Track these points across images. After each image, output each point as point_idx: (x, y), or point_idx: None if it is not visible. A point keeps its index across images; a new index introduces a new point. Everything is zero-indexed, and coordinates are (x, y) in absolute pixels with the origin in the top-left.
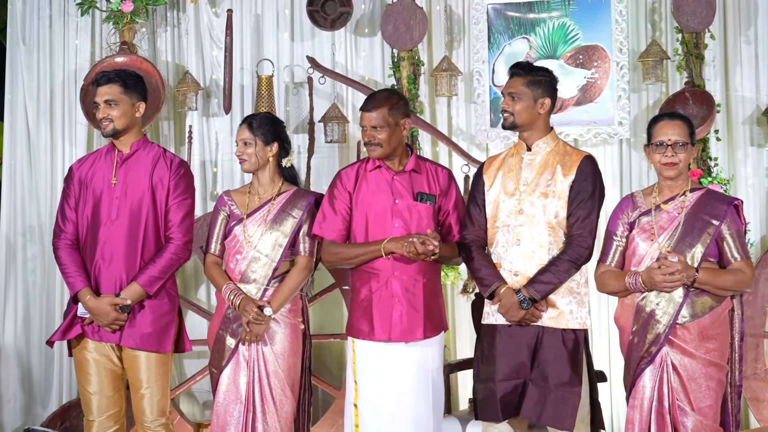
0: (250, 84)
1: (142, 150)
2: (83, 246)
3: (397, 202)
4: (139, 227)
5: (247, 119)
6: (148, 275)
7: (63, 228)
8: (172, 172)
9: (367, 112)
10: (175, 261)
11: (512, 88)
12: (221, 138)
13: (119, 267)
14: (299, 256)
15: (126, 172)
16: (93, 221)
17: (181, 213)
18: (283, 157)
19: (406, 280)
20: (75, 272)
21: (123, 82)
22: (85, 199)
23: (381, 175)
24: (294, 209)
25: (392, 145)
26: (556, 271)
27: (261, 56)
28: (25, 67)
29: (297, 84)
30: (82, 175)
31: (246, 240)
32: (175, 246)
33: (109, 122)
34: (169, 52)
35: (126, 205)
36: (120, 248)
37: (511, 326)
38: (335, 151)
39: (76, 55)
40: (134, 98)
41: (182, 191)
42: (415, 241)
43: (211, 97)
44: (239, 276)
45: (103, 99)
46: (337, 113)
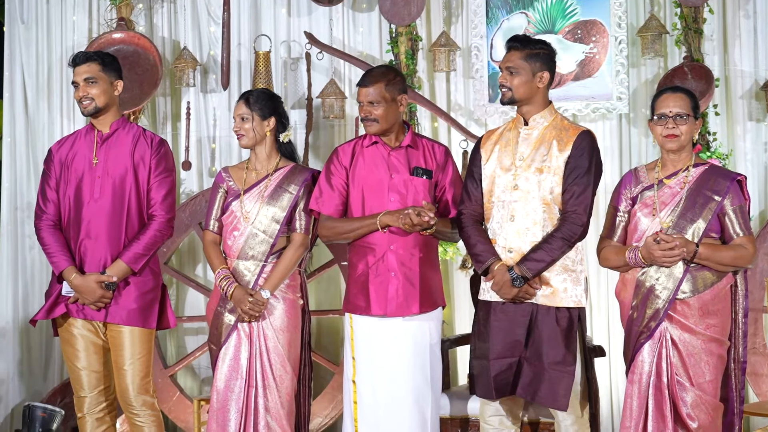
0: (248, 60)
1: (122, 129)
2: (66, 226)
3: (393, 177)
4: (123, 205)
5: (244, 95)
6: (132, 252)
7: (44, 209)
8: (153, 150)
9: (364, 88)
10: (159, 238)
11: (510, 62)
12: (219, 114)
13: (103, 245)
14: (295, 233)
15: (107, 151)
16: (76, 201)
17: (163, 190)
18: (280, 133)
19: (402, 254)
20: (58, 251)
21: (101, 60)
22: (67, 179)
23: (377, 150)
24: (291, 185)
25: (389, 121)
26: (548, 248)
27: (258, 32)
28: (24, 44)
29: (295, 60)
30: (62, 156)
31: (243, 216)
32: (158, 223)
33: (90, 101)
34: (166, 28)
35: (108, 183)
36: (103, 226)
37: (505, 303)
38: (333, 128)
39: (73, 32)
40: (112, 76)
41: (163, 169)
42: (411, 212)
43: (208, 74)
44: (237, 253)
45: (82, 78)
46: (334, 89)
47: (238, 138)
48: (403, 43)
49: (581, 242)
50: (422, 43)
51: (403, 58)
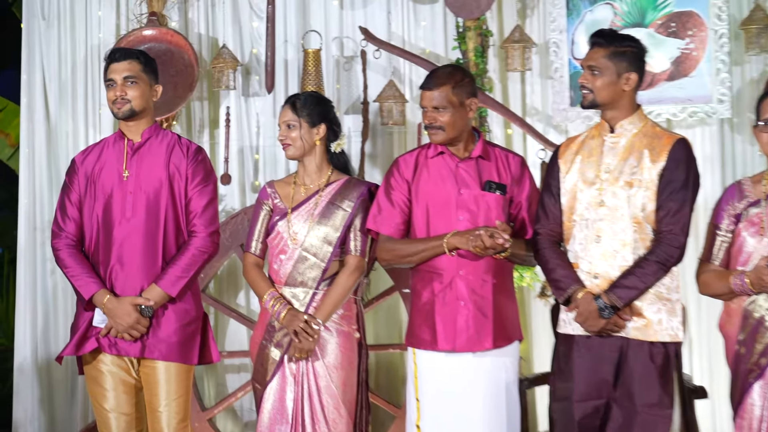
0: (295, 59)
1: (155, 138)
2: (93, 250)
3: (462, 193)
4: (158, 224)
5: (290, 99)
6: (169, 275)
7: (63, 227)
8: (189, 159)
9: (428, 91)
10: (200, 256)
11: (592, 60)
12: (263, 121)
13: (138, 271)
14: (350, 255)
15: (139, 162)
16: (105, 220)
17: (202, 202)
18: (332, 142)
19: (472, 280)
20: (84, 274)
21: (144, 59)
22: (94, 195)
23: (444, 162)
24: (345, 201)
25: (457, 129)
26: (641, 274)
27: (307, 27)
28: (44, 43)
29: (348, 59)
30: (87, 168)
31: (291, 237)
32: (199, 239)
33: (125, 102)
34: (202, 23)
35: (141, 199)
36: (137, 250)
37: (590, 337)
38: (392, 135)
39: (99, 29)
40: (152, 79)
41: (202, 178)
42: (483, 233)
43: (251, 75)
44: (284, 279)
45: (121, 75)
46: (394, 92)
47: (284, 148)
48: (471, 39)
49: (677, 267)
50: (493, 39)
51: (472, 56)
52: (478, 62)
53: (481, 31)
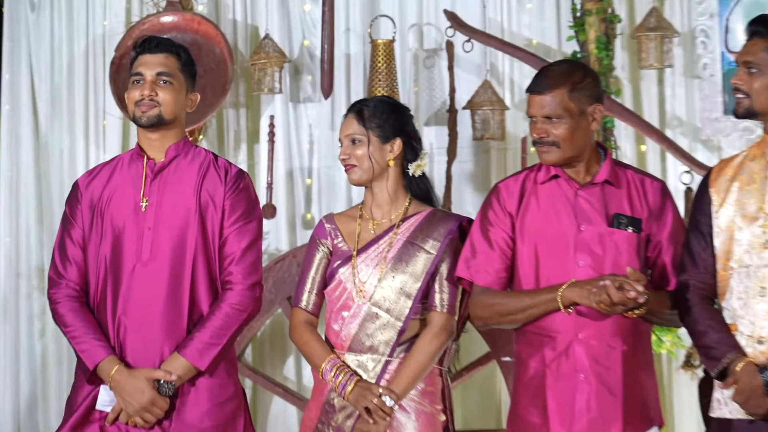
0: (360, 53)
1: (183, 156)
2: (100, 303)
3: (582, 229)
4: (184, 271)
5: (356, 106)
6: (197, 341)
7: (63, 272)
8: (227, 186)
9: (538, 95)
10: (236, 316)
11: (749, 55)
12: (318, 134)
13: (157, 333)
14: (434, 312)
15: (161, 188)
16: (114, 264)
17: (242, 243)
18: (410, 162)
19: (595, 346)
20: (88, 335)
21: (185, 56)
22: (101, 231)
23: (559, 189)
24: (428, 240)
25: (576, 145)
26: None
27: (376, 12)
28: (33, 34)
29: (430, 52)
30: (94, 195)
31: (357, 288)
32: (235, 294)
33: (153, 105)
34: (239, 7)
35: (164, 237)
36: (157, 304)
37: (753, 422)
38: (488, 153)
39: (104, 15)
40: (189, 84)
41: (243, 213)
42: (609, 284)
43: (301, 74)
44: (347, 343)
45: (154, 71)
46: (490, 96)
47: (347, 170)
48: (593, 26)
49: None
50: (621, 25)
51: (593, 48)
52: (601, 57)
53: (606, 16)
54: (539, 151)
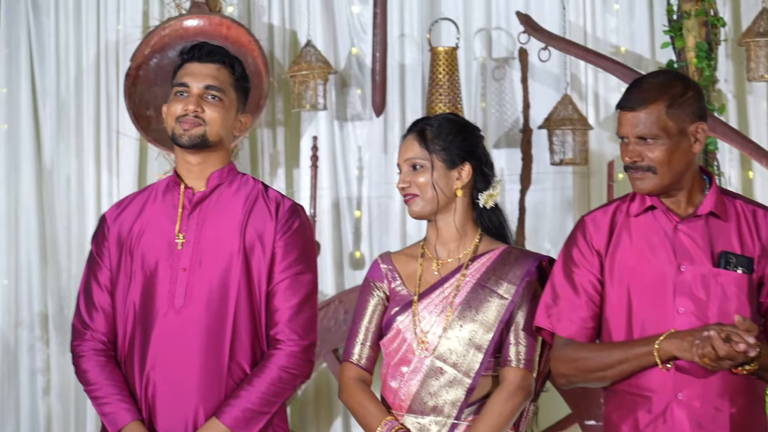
0: (418, 62)
1: (227, 186)
2: (127, 355)
3: (683, 270)
4: (224, 320)
5: (417, 125)
6: (240, 407)
7: (88, 322)
8: (279, 223)
9: (631, 112)
10: (288, 381)
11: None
12: (369, 158)
13: (191, 393)
14: (509, 367)
15: (200, 223)
16: (143, 310)
17: (296, 297)
18: (480, 191)
19: (699, 408)
20: (113, 395)
21: (239, 70)
22: (130, 271)
23: (655, 222)
24: (502, 283)
25: (675, 170)
26: None
27: (436, 15)
28: (35, 40)
29: (499, 62)
30: (122, 229)
31: (418, 339)
32: (287, 356)
33: (197, 123)
34: (276, 9)
35: (201, 281)
36: (192, 359)
37: None
38: (568, 179)
39: (117, 18)
40: (241, 103)
41: (297, 259)
42: (714, 335)
43: (349, 87)
44: (407, 403)
45: (202, 83)
46: (570, 113)
47: (407, 200)
48: (691, 31)
49: None
50: (726, 30)
51: (693, 57)
52: (702, 67)
53: (708, 19)
54: (632, 177)
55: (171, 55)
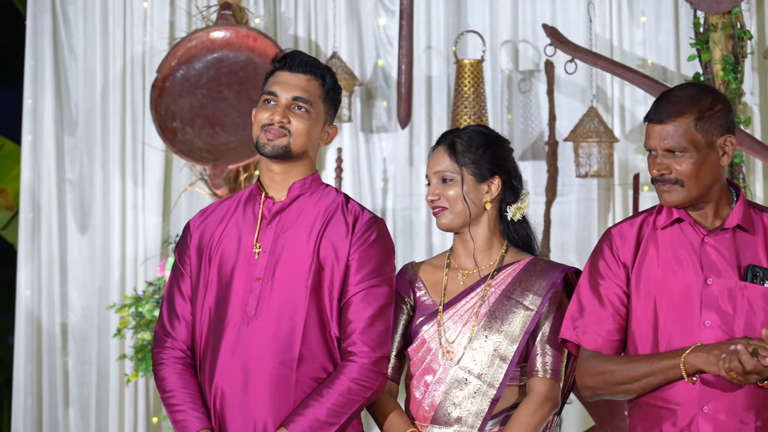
0: (444, 74)
1: (308, 196)
2: (201, 362)
3: (710, 283)
4: (292, 331)
5: (447, 137)
6: (310, 417)
7: (170, 330)
8: (355, 236)
9: (659, 125)
10: (359, 394)
11: None
12: (394, 170)
13: (259, 401)
14: (536, 378)
15: (278, 233)
16: (217, 320)
17: (370, 310)
18: (509, 204)
19: (725, 422)
20: (188, 402)
21: (330, 82)
22: (207, 279)
23: (682, 235)
24: (527, 294)
25: (703, 183)
26: None
27: (463, 27)
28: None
29: (525, 74)
30: (204, 237)
31: (443, 349)
32: (360, 368)
33: (282, 134)
34: (301, 21)
35: (275, 291)
36: (261, 367)
37: None
38: (593, 192)
39: (144, 29)
40: (329, 115)
41: (372, 272)
42: (741, 349)
43: (374, 99)
44: (431, 413)
45: (291, 94)
46: (596, 126)
47: (436, 213)
48: (718, 45)
49: None
50: (752, 43)
51: (719, 70)
52: (728, 80)
53: (734, 32)
54: (659, 190)
55: (197, 66)
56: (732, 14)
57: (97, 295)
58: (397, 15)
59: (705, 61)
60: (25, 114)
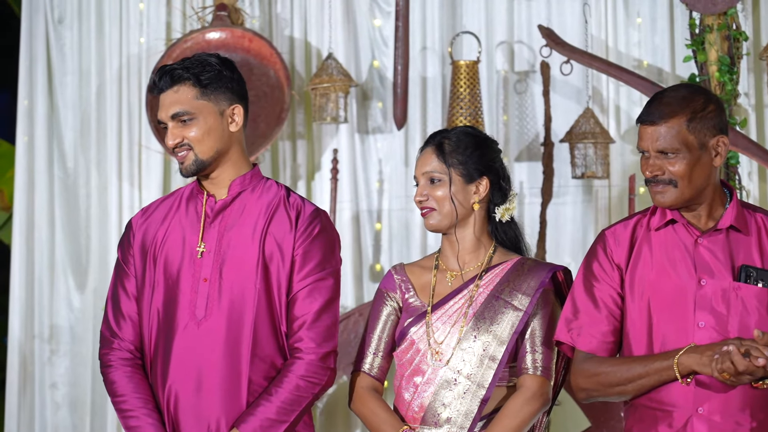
0: (440, 76)
1: (250, 192)
2: (151, 364)
3: (703, 284)
4: (242, 332)
5: (434, 138)
6: (260, 417)
7: (117, 331)
8: (298, 231)
9: (651, 126)
10: (307, 390)
11: None
12: (389, 171)
13: (212, 402)
14: (526, 375)
15: (221, 231)
16: (166, 321)
17: (315, 304)
18: (497, 205)
19: (720, 423)
20: (140, 408)
21: (196, 79)
22: (153, 280)
23: (675, 236)
24: (516, 294)
25: (695, 184)
26: None
27: (458, 28)
28: (55, 52)
29: (521, 75)
30: (147, 236)
31: (432, 351)
32: (306, 364)
33: (186, 151)
34: (297, 22)
35: (222, 291)
36: (213, 369)
37: None
38: (589, 193)
39: (140, 30)
40: (222, 101)
41: (317, 266)
42: (733, 350)
43: (370, 100)
44: (420, 414)
45: (168, 113)
46: (591, 126)
47: (424, 214)
48: (714, 46)
49: None
50: (747, 44)
51: (715, 71)
52: (724, 81)
53: (730, 33)
54: (653, 191)
55: None
56: (727, 15)
57: (92, 297)
58: (393, 16)
59: (700, 62)
60: (20, 115)
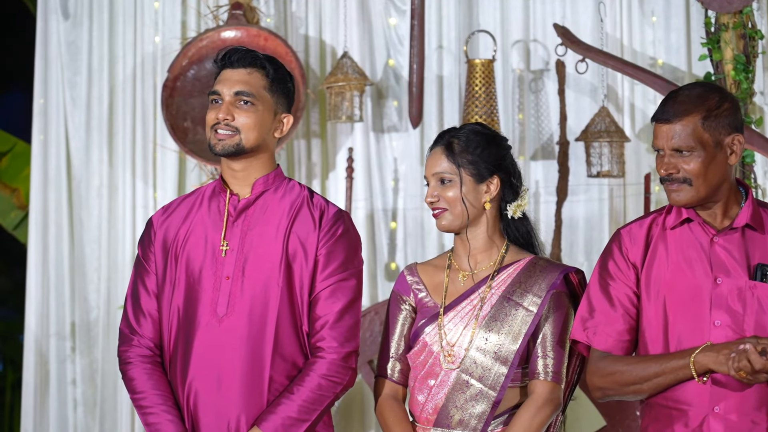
0: (455, 74)
1: (272, 192)
2: (171, 361)
3: (719, 283)
4: (265, 330)
5: (443, 137)
6: (282, 415)
7: (136, 328)
8: (322, 231)
9: (666, 124)
10: (329, 389)
11: None
12: (405, 170)
13: (232, 400)
14: (537, 380)
15: (244, 230)
16: (186, 319)
17: (338, 304)
18: (509, 203)
19: (736, 422)
20: (159, 405)
21: (273, 71)
22: (174, 277)
23: (691, 235)
24: (526, 296)
25: (711, 182)
26: None
27: (474, 26)
28: (69, 51)
29: (536, 74)
30: (168, 234)
31: (444, 352)
32: (328, 364)
33: (231, 132)
34: (312, 20)
35: (244, 289)
36: (234, 367)
37: None
38: (604, 192)
39: (155, 28)
40: (280, 104)
41: (340, 266)
42: (750, 348)
43: (385, 99)
44: (433, 416)
45: (233, 89)
46: (607, 125)
47: (436, 214)
48: (729, 44)
49: None
50: (763, 42)
51: (730, 69)
52: (739, 79)
53: (746, 32)
54: (668, 190)
55: (208, 66)
56: (743, 14)
57: (107, 296)
58: (408, 15)
59: (716, 61)
60: (36, 114)
